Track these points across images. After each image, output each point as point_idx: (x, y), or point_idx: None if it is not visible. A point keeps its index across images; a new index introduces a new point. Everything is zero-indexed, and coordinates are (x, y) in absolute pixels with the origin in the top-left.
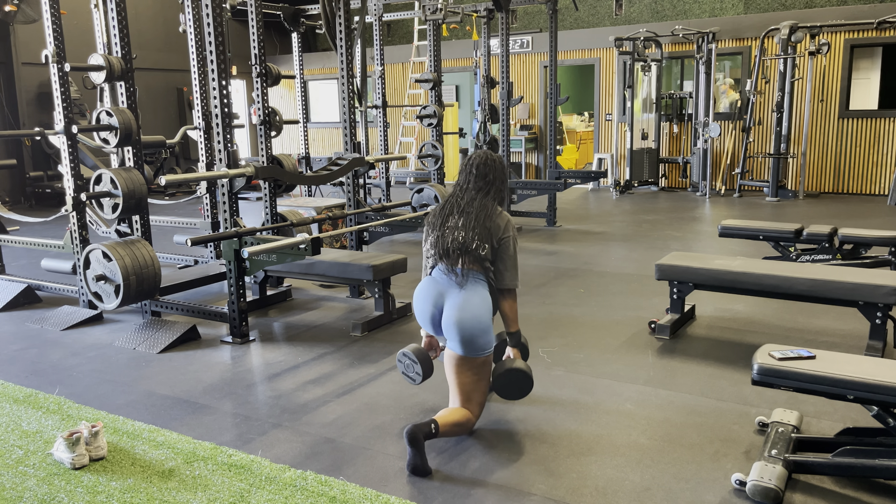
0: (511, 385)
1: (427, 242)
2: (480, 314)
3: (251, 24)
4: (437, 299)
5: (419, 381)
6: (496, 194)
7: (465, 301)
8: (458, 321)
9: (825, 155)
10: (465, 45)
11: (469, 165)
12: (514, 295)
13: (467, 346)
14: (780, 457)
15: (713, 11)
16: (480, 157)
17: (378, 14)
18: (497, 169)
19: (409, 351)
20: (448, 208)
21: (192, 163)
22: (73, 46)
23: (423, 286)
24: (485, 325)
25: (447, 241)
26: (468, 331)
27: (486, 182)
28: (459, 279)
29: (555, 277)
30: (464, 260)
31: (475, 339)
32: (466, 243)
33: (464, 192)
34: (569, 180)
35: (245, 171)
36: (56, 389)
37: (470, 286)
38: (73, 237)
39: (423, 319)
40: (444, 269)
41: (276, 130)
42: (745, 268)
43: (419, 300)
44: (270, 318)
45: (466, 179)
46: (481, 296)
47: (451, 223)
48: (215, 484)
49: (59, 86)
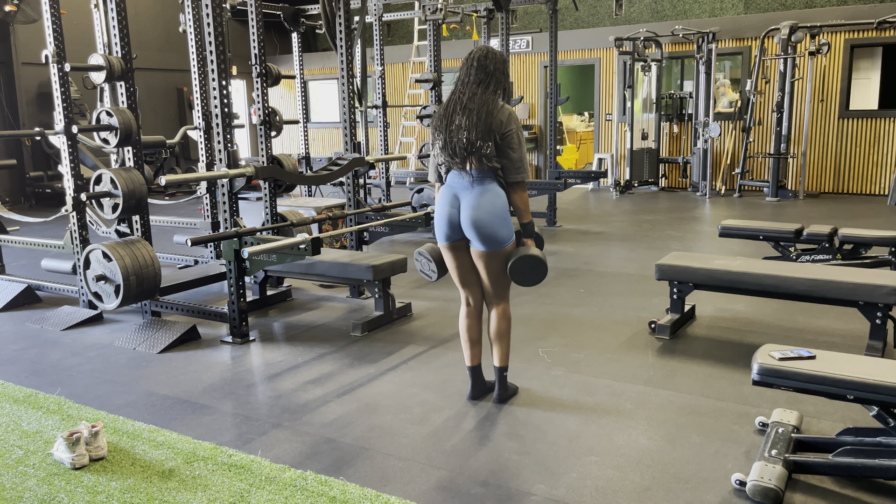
0: (525, 271)
1: (435, 147)
2: (496, 209)
3: (251, 24)
4: (453, 201)
5: (435, 279)
6: (497, 86)
7: (480, 200)
8: (476, 220)
9: (825, 155)
10: (465, 45)
11: (470, 59)
12: (524, 187)
13: (488, 242)
14: (780, 457)
15: (713, 11)
16: (481, 49)
17: (378, 14)
18: (497, 60)
19: (424, 250)
20: (451, 105)
21: (192, 163)
22: (73, 46)
23: (441, 194)
24: (502, 219)
25: (454, 143)
26: (487, 227)
27: (487, 73)
28: (471, 179)
29: (555, 277)
30: (472, 160)
31: (495, 234)
32: (471, 143)
33: (465, 86)
34: (569, 180)
35: (245, 171)
36: (56, 389)
37: (483, 185)
38: (73, 237)
39: (441, 222)
40: (456, 172)
41: (276, 130)
42: (745, 268)
43: (439, 205)
44: (270, 318)
45: (467, 73)
46: (494, 192)
47: (456, 123)
48: (215, 484)
49: (59, 86)
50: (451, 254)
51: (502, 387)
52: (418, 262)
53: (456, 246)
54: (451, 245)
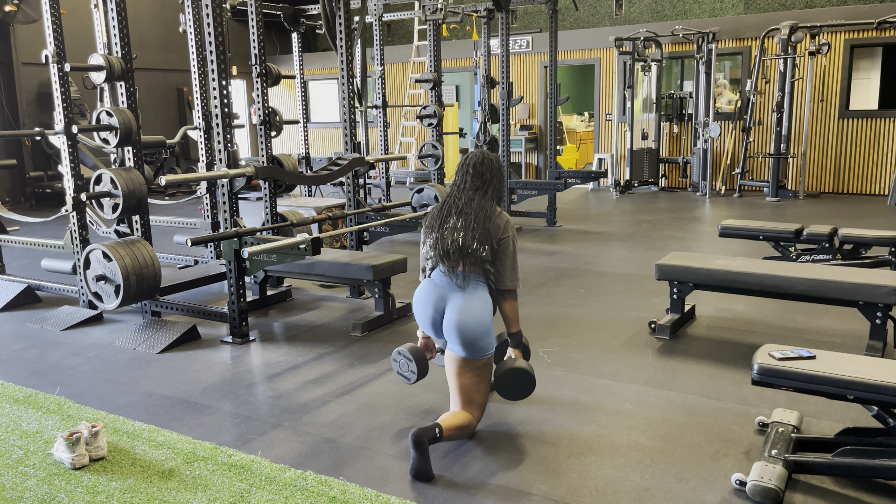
0: (513, 385)
1: (425, 245)
2: (482, 316)
3: (251, 24)
4: (437, 302)
5: (413, 381)
6: (494, 194)
7: (467, 304)
8: (460, 324)
9: (825, 155)
10: (465, 45)
11: (465, 165)
12: (514, 295)
13: (469, 349)
14: (781, 457)
15: (713, 11)
16: (477, 156)
17: (378, 14)
18: (494, 168)
19: (404, 350)
20: (446, 209)
21: (192, 163)
22: (73, 46)
23: (422, 289)
24: (486, 328)
25: (447, 243)
26: (470, 333)
27: (483, 181)
28: (460, 281)
29: (555, 277)
30: (464, 262)
31: (477, 342)
32: (466, 245)
33: (461, 192)
34: (569, 180)
35: (245, 171)
36: (56, 389)
37: (471, 289)
38: (73, 237)
39: (424, 322)
40: (445, 272)
41: (276, 130)
42: (745, 268)
43: (419, 303)
44: (270, 318)
45: (463, 179)
46: (482, 298)
47: (450, 224)
48: (215, 484)
49: (59, 86)
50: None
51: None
52: (395, 363)
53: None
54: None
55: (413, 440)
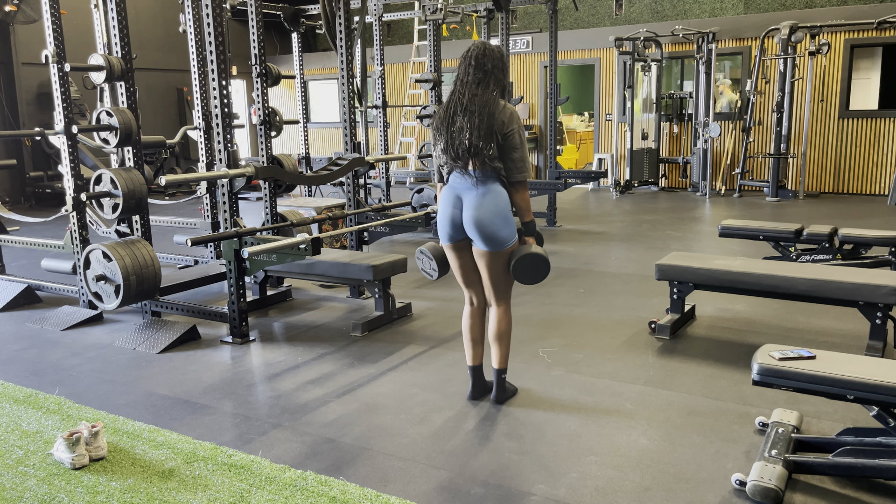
0: (529, 269)
1: (437, 149)
2: (497, 209)
3: (251, 24)
4: (455, 202)
5: (436, 277)
6: (496, 84)
7: (482, 200)
8: (478, 219)
9: (825, 155)
10: (465, 45)
11: (467, 57)
12: (525, 186)
13: (490, 242)
14: (781, 457)
15: (713, 11)
16: (479, 47)
17: (378, 14)
18: (495, 58)
19: (425, 248)
20: (452, 107)
21: (192, 163)
22: (73, 46)
23: (443, 195)
24: (504, 219)
25: (456, 145)
26: (489, 227)
27: (485, 73)
28: (473, 180)
29: (555, 277)
30: (474, 162)
31: (497, 233)
32: (473, 145)
33: (464, 86)
34: (569, 180)
35: (245, 171)
36: (56, 389)
37: (485, 185)
38: (73, 237)
39: (444, 222)
40: (459, 173)
41: (276, 130)
42: (745, 268)
43: (442, 206)
44: (270, 318)
45: (466, 72)
46: (496, 192)
47: (458, 125)
48: (215, 484)
49: (59, 86)
50: (454, 253)
51: (500, 388)
52: (419, 261)
53: (459, 245)
54: (455, 245)
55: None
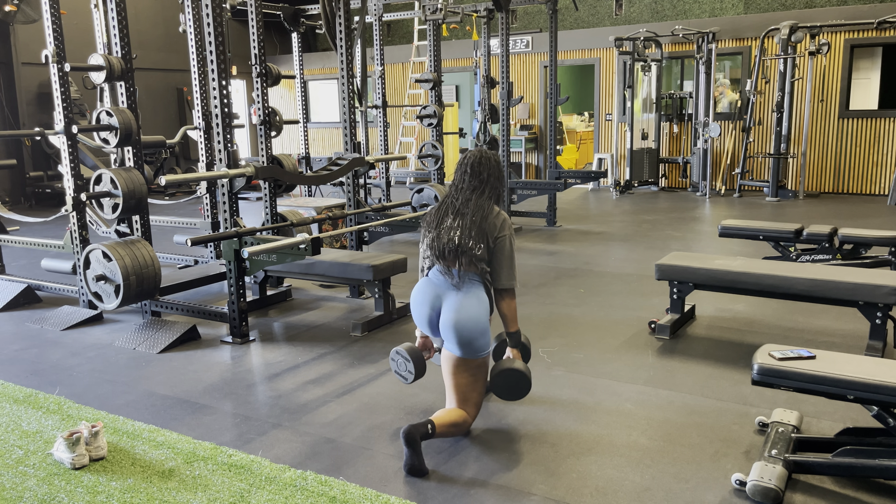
0: (508, 386)
1: (423, 243)
2: (478, 316)
3: (251, 24)
4: (434, 301)
5: (411, 381)
6: (492, 193)
7: (463, 303)
8: (456, 323)
9: (825, 155)
10: (465, 45)
11: (464, 164)
12: (512, 294)
13: (465, 348)
14: (780, 457)
15: (713, 11)
16: (475, 155)
17: (378, 14)
18: (492, 167)
19: (402, 349)
20: (444, 209)
21: (192, 163)
22: (73, 46)
23: (419, 288)
24: (482, 327)
25: (443, 243)
26: (466, 333)
27: (481, 181)
28: (456, 281)
29: (555, 277)
30: (460, 261)
31: (473, 341)
32: (462, 244)
33: (459, 192)
34: (569, 180)
35: (245, 171)
36: (56, 389)
37: (466, 288)
38: (73, 237)
39: (421, 321)
40: (441, 271)
41: (276, 130)
42: (745, 268)
43: (416, 302)
44: (270, 318)
45: (461, 178)
46: (478, 297)
47: (447, 224)
48: (215, 484)
49: (59, 86)
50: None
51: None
52: (394, 363)
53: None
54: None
55: (405, 437)
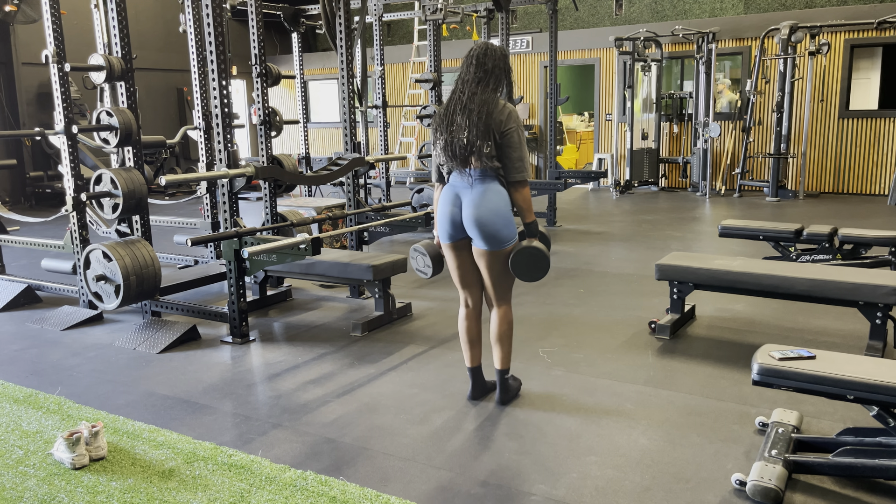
0: (527, 263)
1: (436, 147)
2: (498, 208)
3: (251, 24)
4: (455, 200)
5: (429, 275)
6: (496, 83)
7: (481, 198)
8: (478, 218)
9: (825, 155)
10: (465, 45)
11: (469, 56)
12: (525, 185)
13: (491, 241)
14: (781, 457)
15: (713, 11)
16: (480, 46)
17: (378, 14)
18: (497, 57)
19: (420, 246)
20: (452, 106)
21: (192, 163)
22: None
23: (442, 194)
24: (504, 219)
25: (454, 144)
26: (489, 225)
27: (486, 72)
28: (471, 179)
29: (555, 277)
30: (472, 161)
31: (497, 233)
32: (471, 143)
33: (465, 85)
34: (569, 180)
35: (245, 171)
36: (56, 389)
37: (483, 184)
38: (73, 237)
39: (444, 220)
40: (458, 172)
41: (276, 130)
42: (745, 268)
43: (440, 206)
44: (270, 318)
45: (467, 71)
46: (495, 190)
47: (457, 123)
48: (215, 484)
49: (59, 86)
50: (452, 253)
51: (503, 390)
52: (413, 259)
53: (458, 245)
54: (454, 244)
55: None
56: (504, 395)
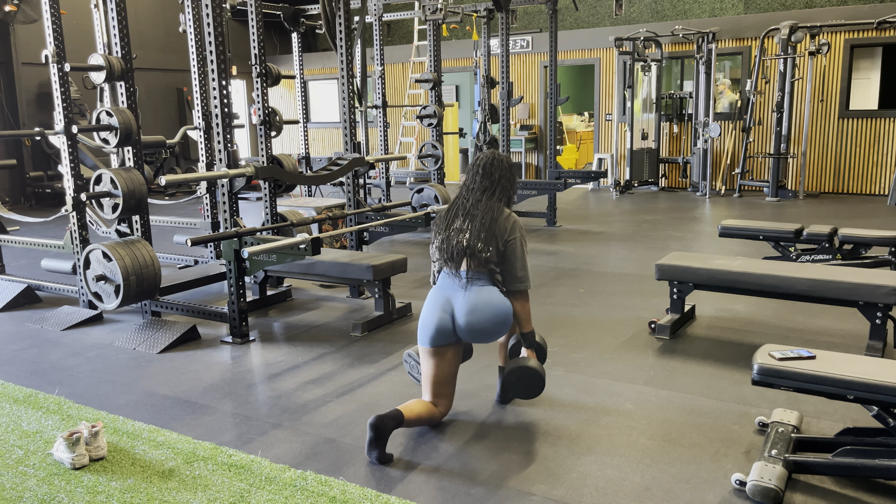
0: (522, 384)
1: (433, 245)
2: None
3: (251, 24)
4: (445, 304)
5: None
6: (502, 194)
7: (476, 299)
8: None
9: (825, 155)
10: (465, 45)
11: (475, 165)
12: (525, 296)
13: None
14: (780, 457)
15: (713, 11)
16: (487, 156)
17: (378, 14)
18: (503, 168)
19: (413, 352)
20: (454, 210)
21: (192, 163)
22: (73, 46)
23: (430, 297)
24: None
25: (452, 245)
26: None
27: (492, 182)
28: (463, 282)
29: (555, 277)
30: (468, 263)
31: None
32: (470, 246)
33: (469, 192)
34: (569, 180)
35: (245, 171)
36: (56, 389)
37: (477, 286)
38: (73, 237)
39: (429, 325)
40: (449, 273)
41: (276, 130)
42: (745, 268)
43: (427, 311)
44: (270, 318)
45: (472, 179)
46: (488, 290)
47: (457, 225)
48: (215, 484)
49: (59, 86)
50: (433, 360)
51: (505, 389)
52: (407, 364)
53: (440, 351)
54: (436, 349)
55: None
56: (505, 395)
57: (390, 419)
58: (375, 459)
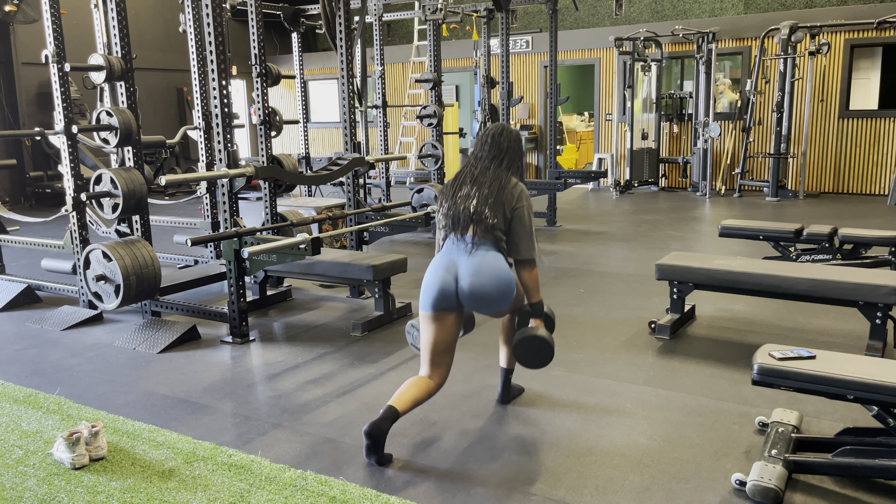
0: (531, 353)
1: (439, 212)
2: (499, 273)
3: (251, 24)
4: (449, 266)
5: None
6: (510, 163)
7: (480, 263)
8: (479, 287)
9: (825, 155)
10: (465, 45)
11: (485, 135)
12: (532, 265)
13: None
14: (780, 457)
15: (713, 11)
16: (497, 127)
17: (378, 14)
18: (512, 139)
19: (416, 321)
20: (462, 177)
21: (192, 163)
22: (73, 46)
23: (434, 260)
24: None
25: (458, 211)
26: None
27: (500, 150)
28: (468, 246)
29: (555, 277)
30: (474, 228)
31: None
32: (477, 212)
33: (478, 160)
34: (569, 180)
35: (245, 171)
36: (56, 389)
37: (483, 250)
38: (73, 237)
39: (432, 287)
40: (455, 239)
41: (276, 130)
42: (745, 268)
43: (430, 272)
44: (270, 318)
45: (481, 148)
46: (493, 255)
47: (464, 192)
48: (215, 484)
49: (59, 86)
50: (433, 325)
51: (506, 389)
52: (409, 335)
53: (440, 316)
54: (436, 314)
55: None
56: (505, 394)
57: (385, 421)
58: (375, 462)
